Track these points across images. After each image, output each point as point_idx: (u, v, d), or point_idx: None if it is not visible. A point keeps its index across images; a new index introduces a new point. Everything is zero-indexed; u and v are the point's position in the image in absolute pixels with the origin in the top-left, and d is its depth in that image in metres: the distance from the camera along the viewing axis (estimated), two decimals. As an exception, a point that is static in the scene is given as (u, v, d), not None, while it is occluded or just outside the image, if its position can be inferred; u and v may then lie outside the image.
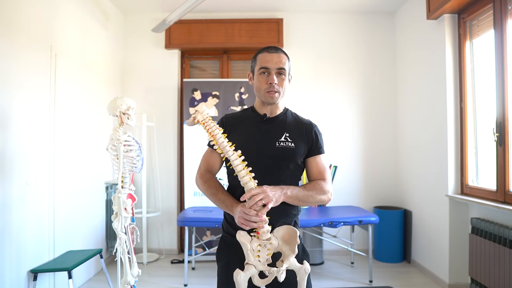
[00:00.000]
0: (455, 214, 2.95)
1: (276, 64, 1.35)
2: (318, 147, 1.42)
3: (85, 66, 3.22)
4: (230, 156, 1.17)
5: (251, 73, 1.45)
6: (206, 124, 1.20)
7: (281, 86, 1.37)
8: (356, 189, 4.06)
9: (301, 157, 1.40)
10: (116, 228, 2.17)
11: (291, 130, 1.39)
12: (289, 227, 1.18)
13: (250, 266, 1.11)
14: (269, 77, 1.35)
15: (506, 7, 2.45)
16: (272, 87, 1.35)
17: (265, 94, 1.36)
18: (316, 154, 1.42)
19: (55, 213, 2.71)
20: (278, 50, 1.39)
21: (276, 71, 1.35)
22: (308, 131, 1.42)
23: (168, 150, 4.10)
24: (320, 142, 1.43)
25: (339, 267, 3.61)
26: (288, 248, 1.15)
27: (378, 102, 4.11)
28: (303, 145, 1.39)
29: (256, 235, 1.16)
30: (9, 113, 2.27)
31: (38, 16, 2.57)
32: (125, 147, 2.12)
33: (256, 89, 1.40)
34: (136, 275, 2.23)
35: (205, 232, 3.81)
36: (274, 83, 1.34)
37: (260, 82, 1.37)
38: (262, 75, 1.37)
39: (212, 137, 1.19)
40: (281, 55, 1.37)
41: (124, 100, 2.16)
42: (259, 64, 1.38)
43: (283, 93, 1.39)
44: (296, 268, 1.15)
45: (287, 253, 1.14)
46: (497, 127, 2.51)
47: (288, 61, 1.40)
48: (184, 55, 4.26)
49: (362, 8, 4.00)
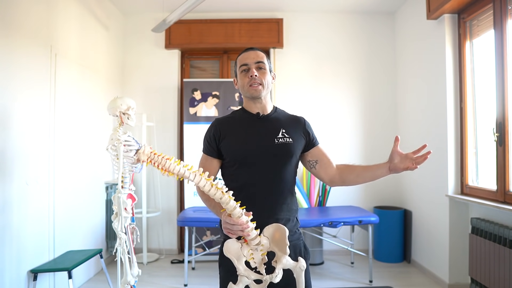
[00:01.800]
0: (455, 214, 2.94)
1: (254, 59, 1.38)
2: (314, 138, 1.47)
3: (85, 66, 3.22)
4: (193, 179, 1.06)
5: (236, 78, 1.47)
6: (153, 160, 1.07)
7: (263, 79, 1.38)
8: (356, 189, 4.06)
9: (299, 151, 1.41)
10: (116, 228, 2.17)
11: (286, 126, 1.41)
12: (279, 226, 1.14)
13: (242, 277, 1.09)
14: (250, 71, 1.37)
15: (506, 7, 2.44)
16: (253, 79, 1.36)
17: (249, 88, 1.37)
18: (316, 145, 1.46)
19: (55, 213, 2.71)
20: (254, 49, 1.43)
21: (255, 65, 1.38)
22: (301, 126, 1.45)
23: (168, 150, 4.09)
24: (314, 133, 1.48)
25: (339, 267, 3.61)
26: (278, 249, 1.12)
27: (378, 101, 4.10)
28: (300, 140, 1.41)
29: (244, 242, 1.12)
30: (9, 113, 2.27)
31: (38, 16, 2.57)
32: (125, 147, 2.12)
33: (240, 87, 1.42)
34: (136, 275, 2.23)
35: (205, 232, 3.81)
36: (255, 75, 1.35)
37: (243, 79, 1.39)
38: (244, 73, 1.39)
39: (165, 171, 1.06)
40: (257, 52, 1.41)
41: (124, 100, 2.16)
42: (239, 64, 1.42)
43: (267, 86, 1.40)
44: (291, 266, 1.13)
45: (278, 254, 1.12)
46: (497, 127, 2.51)
47: (266, 58, 1.42)
48: (184, 55, 4.25)
49: (362, 8, 4.00)
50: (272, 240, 1.13)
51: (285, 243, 1.11)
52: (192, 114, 3.88)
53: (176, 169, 1.06)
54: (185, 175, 1.06)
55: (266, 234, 1.14)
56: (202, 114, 3.88)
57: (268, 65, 1.42)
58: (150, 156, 1.07)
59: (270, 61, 1.45)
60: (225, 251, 1.10)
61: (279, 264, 1.10)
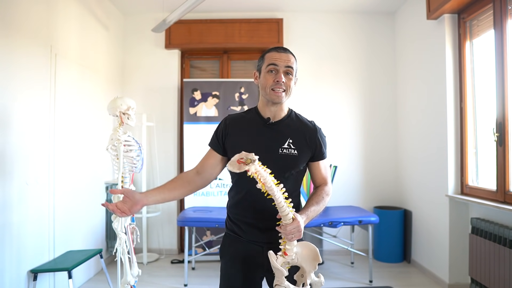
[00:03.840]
0: (455, 214, 2.95)
1: (285, 62, 1.33)
2: (322, 152, 1.42)
3: (85, 66, 3.22)
4: (275, 195, 1.15)
5: (257, 72, 1.41)
6: (259, 175, 1.13)
7: (288, 86, 1.34)
8: (356, 189, 4.06)
9: (303, 163, 1.39)
10: (116, 228, 2.17)
11: (295, 136, 1.37)
12: (308, 244, 1.24)
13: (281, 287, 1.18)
14: (277, 75, 1.32)
15: (506, 7, 2.44)
16: (279, 85, 1.32)
17: (271, 92, 1.33)
18: (320, 160, 1.42)
19: (55, 213, 2.71)
20: (287, 51, 1.37)
21: (284, 69, 1.33)
22: (312, 137, 1.39)
23: (168, 150, 4.10)
24: (324, 147, 1.42)
25: (339, 267, 3.61)
26: (309, 265, 1.21)
27: (378, 101, 4.11)
28: (306, 152, 1.38)
29: (284, 255, 1.20)
30: (10, 113, 2.27)
31: (38, 16, 2.57)
32: (125, 147, 2.12)
33: (262, 86, 1.36)
34: (136, 275, 2.23)
35: (205, 232, 3.81)
36: (282, 81, 1.31)
37: (267, 80, 1.34)
38: (270, 73, 1.34)
39: (263, 185, 1.14)
40: (289, 55, 1.36)
41: (124, 100, 2.16)
42: (267, 61, 1.35)
43: (289, 93, 1.36)
44: (314, 281, 1.22)
45: (307, 269, 1.21)
46: (497, 127, 2.51)
47: (296, 62, 1.38)
48: (184, 55, 4.26)
49: (362, 8, 4.00)
50: (300, 255, 1.23)
51: (317, 260, 1.21)
52: (192, 114, 3.88)
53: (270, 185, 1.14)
54: (272, 190, 1.14)
55: (295, 250, 1.23)
56: (202, 114, 3.88)
57: (295, 70, 1.37)
58: (258, 171, 1.12)
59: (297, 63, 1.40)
60: (273, 264, 1.17)
61: (308, 279, 1.20)
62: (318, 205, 1.35)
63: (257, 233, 1.37)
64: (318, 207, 1.35)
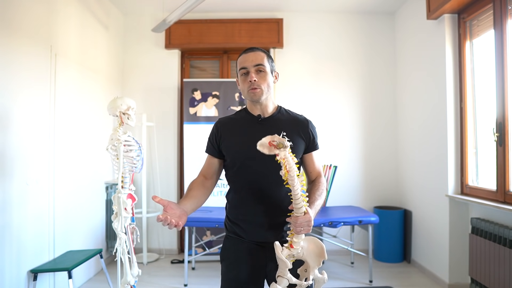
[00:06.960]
0: (455, 214, 2.95)
1: (252, 62, 1.36)
2: (315, 144, 1.45)
3: (85, 66, 3.22)
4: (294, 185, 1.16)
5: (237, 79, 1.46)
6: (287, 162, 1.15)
7: (263, 83, 1.36)
8: (356, 189, 4.06)
9: (299, 155, 1.41)
10: (116, 228, 2.17)
11: (288, 129, 1.38)
12: (315, 239, 1.24)
13: (284, 279, 1.17)
14: (248, 76, 1.36)
15: (506, 7, 2.45)
16: (252, 85, 1.35)
17: (248, 92, 1.37)
18: (312, 151, 1.45)
19: (55, 213, 2.71)
20: (254, 49, 1.40)
21: (254, 68, 1.35)
22: (304, 129, 1.42)
23: (168, 150, 4.10)
24: (316, 138, 1.46)
25: (339, 267, 3.61)
26: (314, 260, 1.22)
27: (378, 101, 4.11)
28: (301, 143, 1.40)
29: (290, 247, 1.20)
30: (10, 113, 2.27)
31: (38, 16, 2.57)
32: (125, 147, 2.12)
33: (242, 91, 1.41)
34: (136, 275, 2.23)
35: (205, 232, 3.81)
36: (253, 80, 1.34)
37: (243, 83, 1.38)
38: (243, 76, 1.38)
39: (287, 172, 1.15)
40: (256, 52, 1.38)
41: (124, 100, 2.16)
42: (238, 66, 1.40)
43: (267, 89, 1.38)
44: (317, 278, 1.23)
45: (311, 264, 1.21)
46: (497, 127, 2.51)
47: (267, 58, 1.39)
48: (184, 55, 4.25)
49: (362, 8, 4.00)
50: (305, 250, 1.22)
51: (322, 257, 1.22)
52: (192, 114, 3.88)
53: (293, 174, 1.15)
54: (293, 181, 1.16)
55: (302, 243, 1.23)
56: (202, 114, 3.88)
57: (269, 66, 1.39)
58: (287, 157, 1.15)
59: (271, 60, 1.42)
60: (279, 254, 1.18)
61: (311, 274, 1.21)
62: (321, 198, 1.37)
63: (260, 230, 1.36)
64: (321, 200, 1.36)
